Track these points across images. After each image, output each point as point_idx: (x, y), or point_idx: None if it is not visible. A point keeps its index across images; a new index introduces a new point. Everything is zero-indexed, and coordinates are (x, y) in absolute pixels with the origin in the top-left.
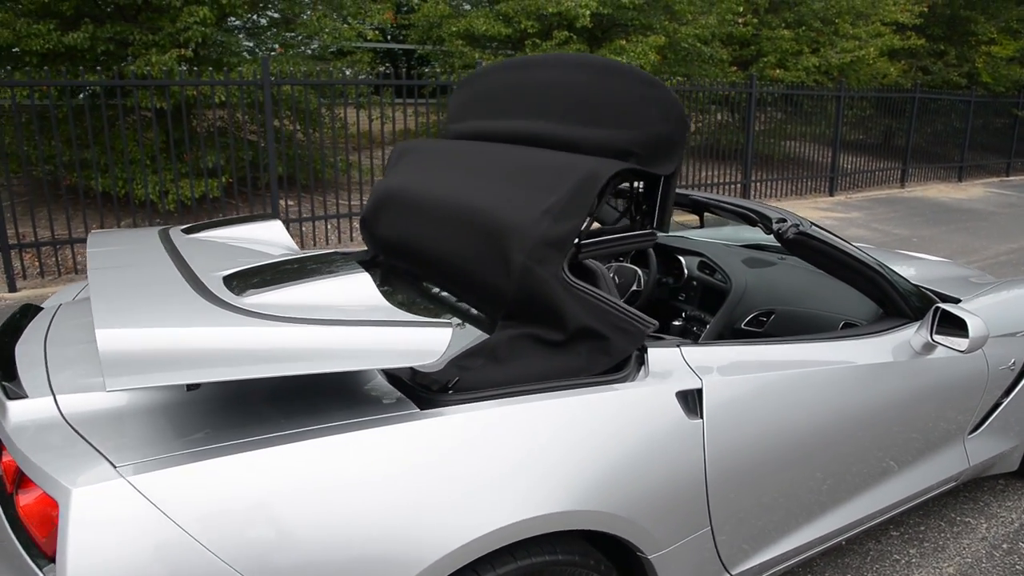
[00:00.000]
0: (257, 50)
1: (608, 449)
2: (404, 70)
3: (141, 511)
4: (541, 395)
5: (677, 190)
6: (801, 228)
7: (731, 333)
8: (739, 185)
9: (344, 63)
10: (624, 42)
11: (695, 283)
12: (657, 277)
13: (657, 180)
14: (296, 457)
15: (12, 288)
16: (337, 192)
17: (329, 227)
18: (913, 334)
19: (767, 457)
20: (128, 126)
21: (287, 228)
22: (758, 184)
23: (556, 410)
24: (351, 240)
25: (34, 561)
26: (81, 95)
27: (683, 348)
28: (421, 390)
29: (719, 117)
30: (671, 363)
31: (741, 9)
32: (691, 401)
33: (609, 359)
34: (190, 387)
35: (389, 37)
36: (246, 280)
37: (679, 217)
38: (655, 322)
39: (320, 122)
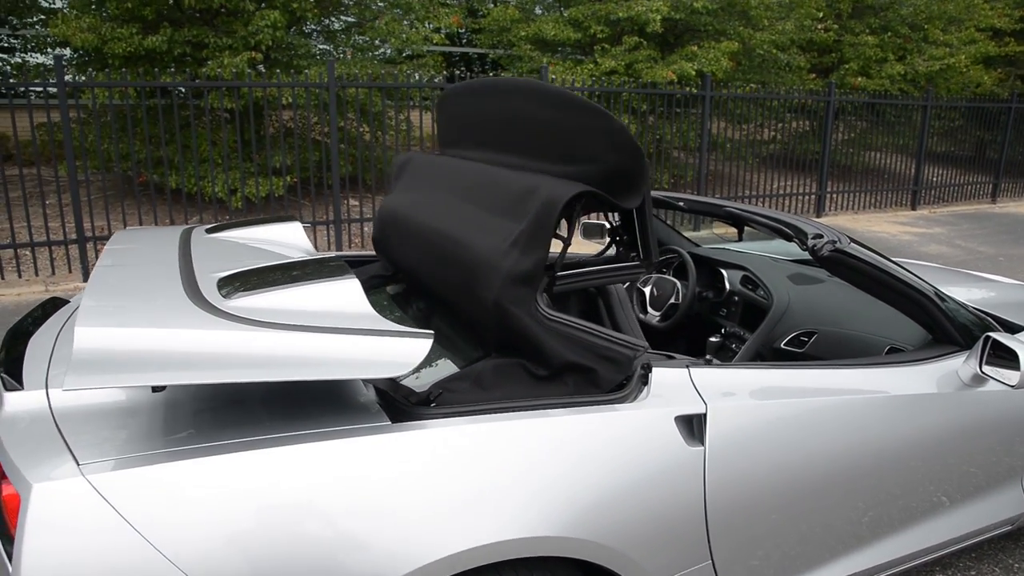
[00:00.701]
0: (333, 53)
1: (597, 473)
2: (477, 74)
3: (97, 510)
4: (526, 413)
5: (714, 200)
6: (838, 245)
7: (770, 352)
8: (813, 196)
9: (411, 67)
10: (696, 48)
11: (736, 298)
12: (697, 290)
13: (630, 212)
14: (256, 466)
15: (86, 279)
16: None
17: None
18: (962, 364)
19: (779, 491)
20: (202, 126)
21: (349, 228)
22: (834, 196)
23: (542, 429)
24: None
25: (5, 550)
26: (156, 97)
27: (692, 369)
28: (402, 402)
29: (795, 126)
30: (676, 385)
31: (821, 15)
32: (693, 427)
33: (599, 388)
34: (155, 388)
35: (464, 41)
36: (239, 282)
37: (719, 229)
38: (645, 344)
39: (384, 124)
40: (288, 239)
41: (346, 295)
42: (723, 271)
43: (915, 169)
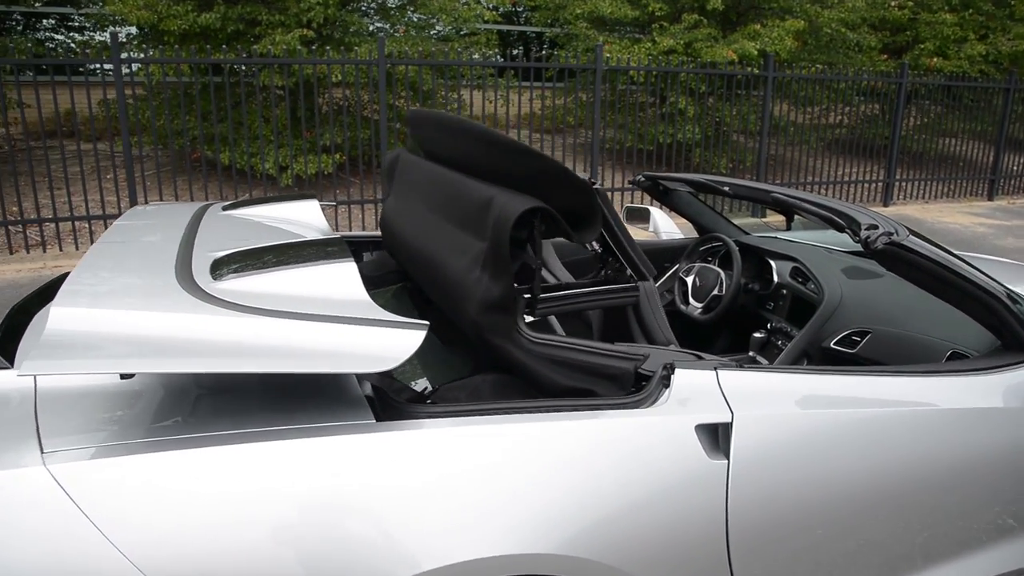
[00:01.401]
0: (388, 31)
1: (605, 485)
2: (532, 53)
3: (56, 502)
4: (528, 416)
5: (761, 185)
6: (894, 237)
7: (818, 352)
8: (881, 184)
9: (461, 44)
10: (759, 27)
11: (784, 291)
12: (743, 282)
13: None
14: (218, 462)
15: None
16: None
17: None
18: None
19: (813, 513)
20: (255, 103)
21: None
22: (904, 184)
23: (544, 434)
24: None
25: None
26: (208, 74)
27: (721, 372)
28: (393, 399)
29: (863, 110)
30: (702, 389)
31: None
32: (716, 437)
33: (604, 401)
34: (124, 375)
35: (522, 20)
36: (233, 263)
37: (770, 216)
38: (646, 353)
39: (435, 102)
40: (304, 218)
41: (340, 279)
42: (771, 262)
43: (994, 156)
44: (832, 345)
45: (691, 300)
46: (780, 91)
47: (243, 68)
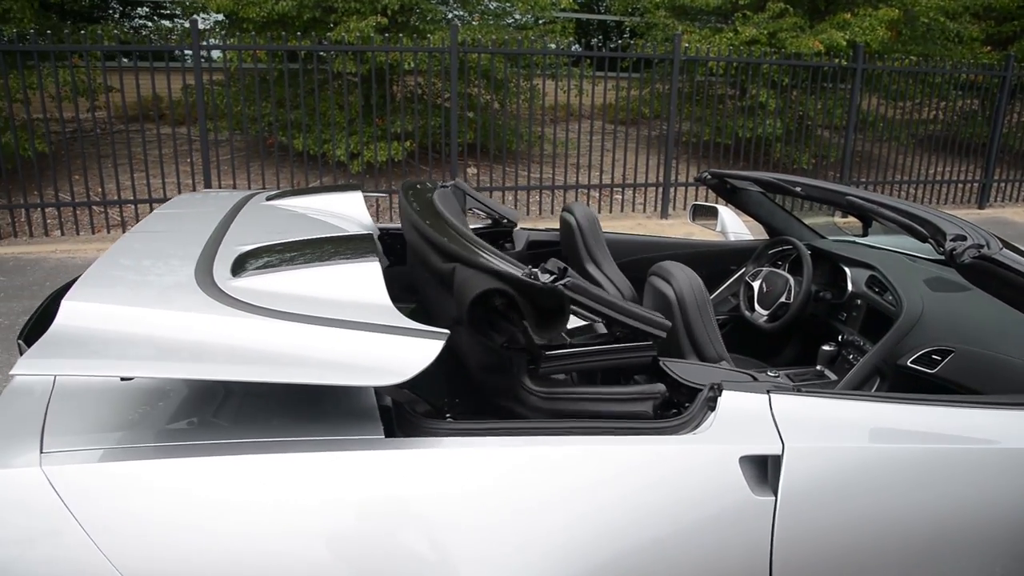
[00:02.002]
0: (466, 18)
1: (632, 519)
2: (611, 43)
3: (47, 503)
4: (550, 436)
5: (836, 186)
6: (984, 251)
7: (892, 370)
8: (976, 184)
9: (537, 32)
10: (849, 15)
11: (859, 302)
12: (814, 290)
13: None
14: (214, 471)
15: None
16: (528, 164)
17: (515, 198)
18: None
19: (868, 566)
20: (329, 90)
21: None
22: (1003, 185)
23: (564, 458)
24: (527, 214)
25: None
26: (284, 61)
27: (774, 396)
28: (409, 412)
29: (961, 104)
30: (751, 414)
31: None
32: (764, 471)
33: (641, 424)
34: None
35: (602, 9)
36: (256, 258)
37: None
38: (661, 387)
39: (507, 91)
40: (346, 210)
41: (360, 280)
42: (846, 269)
43: None
44: (909, 363)
45: (757, 307)
46: (869, 84)
47: (317, 55)
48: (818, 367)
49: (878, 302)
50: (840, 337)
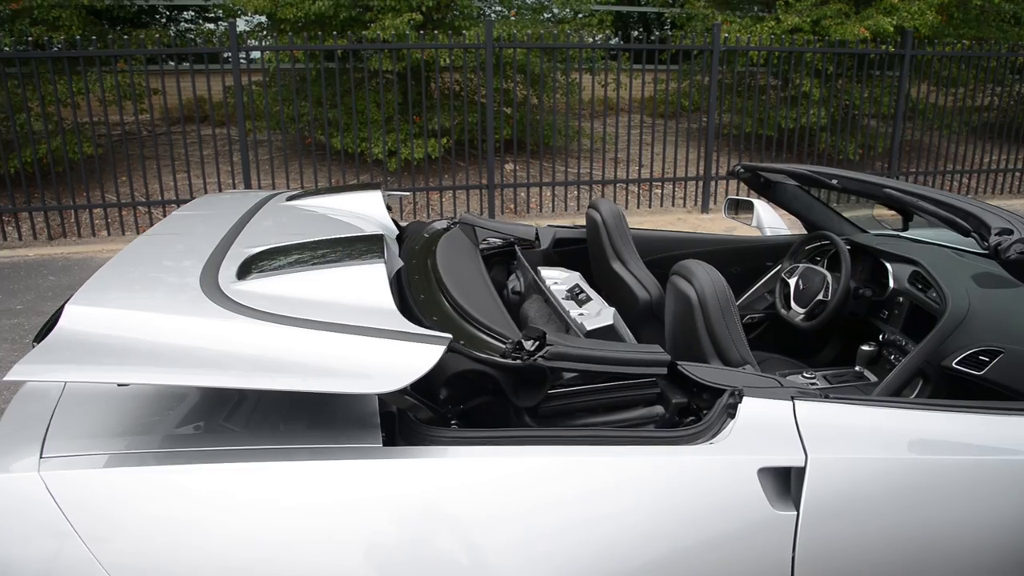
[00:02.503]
0: (505, 12)
1: (637, 535)
2: (652, 35)
3: (44, 508)
4: (554, 447)
5: (872, 178)
6: None
7: (935, 371)
8: None
9: (573, 26)
10: (897, 0)
11: (901, 299)
12: (853, 286)
13: None
14: (206, 479)
15: None
16: (566, 159)
17: (553, 194)
18: None
19: None
20: (365, 89)
21: (502, 193)
22: None
23: (569, 468)
24: (565, 210)
25: None
26: (320, 60)
27: (799, 403)
28: (411, 418)
29: (1018, 90)
30: (772, 423)
31: None
32: (786, 484)
33: (655, 433)
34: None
35: (642, 1)
36: (263, 260)
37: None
38: (660, 411)
39: (543, 86)
40: (364, 209)
41: (364, 282)
42: (888, 265)
43: None
44: (954, 364)
45: (793, 304)
46: (919, 71)
47: (354, 53)
48: (857, 368)
49: (921, 299)
50: (881, 336)
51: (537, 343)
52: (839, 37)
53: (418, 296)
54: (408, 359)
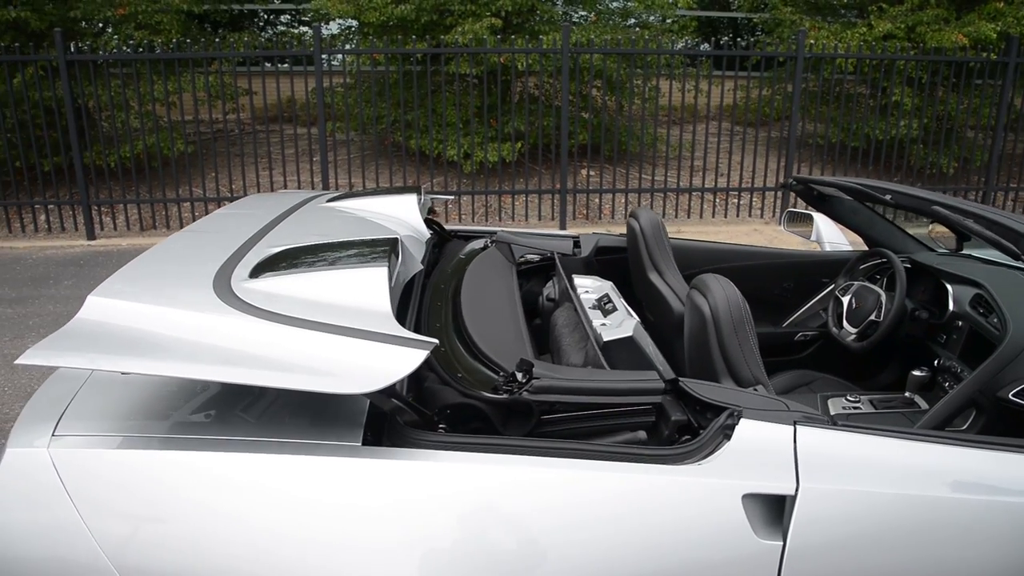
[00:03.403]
0: (588, 16)
1: (609, 554)
2: (740, 41)
3: (49, 483)
4: (533, 458)
5: (924, 193)
6: None
7: (990, 402)
8: None
9: (652, 31)
10: (1001, 3)
11: (960, 323)
12: (908, 308)
13: None
14: (192, 466)
15: None
16: (640, 165)
17: (626, 200)
18: None
19: None
20: (442, 92)
21: (575, 198)
22: None
23: (541, 480)
24: None
25: None
26: (399, 63)
27: (801, 428)
28: (396, 420)
29: None
30: (768, 447)
31: None
32: (772, 512)
33: (641, 451)
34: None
35: (734, 6)
36: (281, 260)
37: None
38: (642, 435)
39: (619, 91)
40: (399, 212)
41: (364, 285)
42: (949, 286)
43: None
44: (1011, 396)
45: (845, 324)
46: None
47: (434, 57)
48: (907, 394)
49: (981, 324)
50: (936, 362)
51: (525, 378)
52: (935, 44)
53: (434, 324)
54: (389, 362)
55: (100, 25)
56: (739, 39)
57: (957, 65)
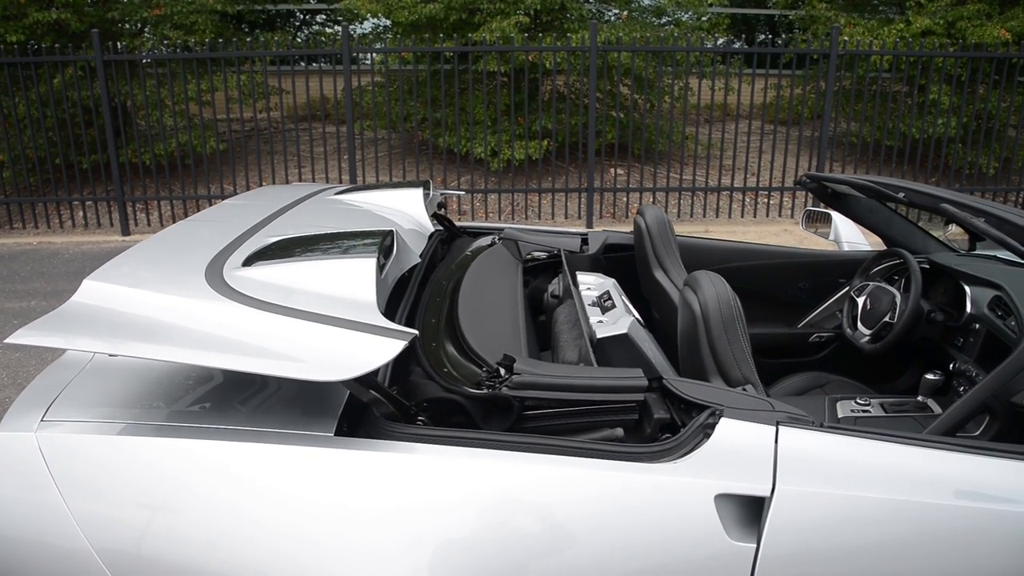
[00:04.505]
0: (618, 13)
1: (581, 550)
2: (777, 39)
3: (36, 466)
4: (505, 452)
5: (934, 191)
6: None
7: (1004, 408)
8: None
9: (682, 28)
10: None
11: (977, 326)
12: (924, 309)
13: None
14: (166, 452)
15: None
16: (668, 164)
17: (653, 199)
18: None
19: None
20: (469, 91)
21: (602, 197)
22: None
23: (512, 476)
24: (676, 216)
25: None
26: (427, 62)
27: (784, 428)
28: (373, 412)
29: None
30: (748, 447)
31: None
32: (749, 514)
33: (616, 448)
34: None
35: (769, 3)
36: (275, 249)
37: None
38: (620, 433)
39: (647, 89)
40: (402, 205)
41: (350, 276)
42: (967, 287)
43: None
44: None
45: (859, 325)
46: None
47: (462, 55)
48: (920, 398)
49: (998, 327)
50: (952, 365)
51: (506, 372)
52: (975, 40)
53: (429, 319)
54: (364, 351)
55: (138, 26)
56: (775, 37)
57: (999, 61)
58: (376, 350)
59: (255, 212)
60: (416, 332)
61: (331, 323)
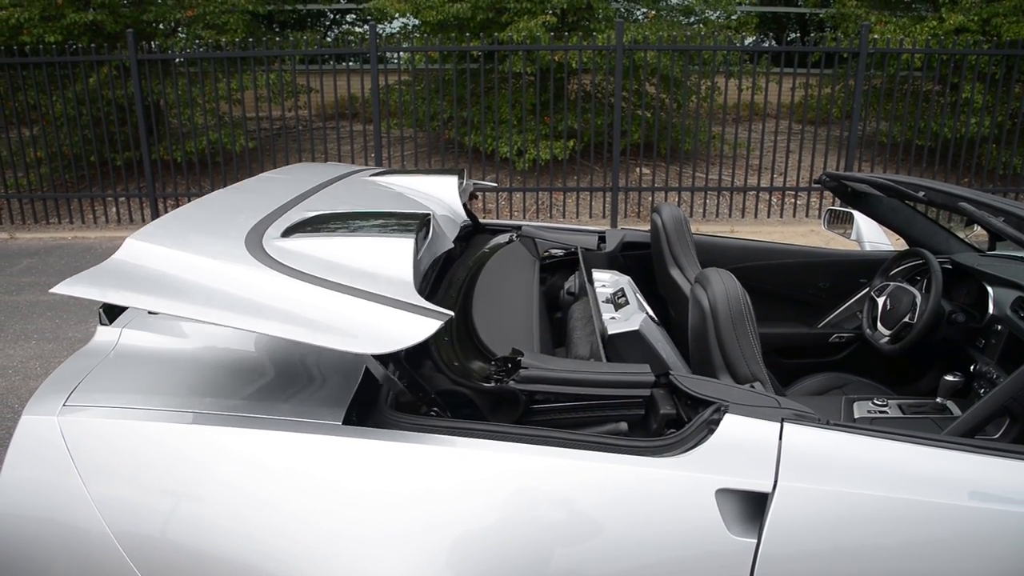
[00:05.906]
0: (647, 12)
1: (579, 543)
2: (807, 37)
3: (56, 449)
4: (509, 444)
5: (953, 189)
6: None
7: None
8: None
9: (710, 27)
10: None
11: (1000, 327)
12: (945, 310)
13: None
14: (182, 437)
15: None
16: (694, 163)
17: (679, 199)
18: None
19: None
20: (496, 90)
21: (627, 196)
22: None
23: (516, 468)
24: (690, 216)
25: None
26: (454, 61)
27: (789, 425)
28: (382, 402)
29: None
30: (752, 443)
31: None
32: (751, 510)
33: (619, 441)
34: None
35: (799, 2)
36: (314, 223)
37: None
38: (624, 427)
39: (673, 88)
40: (437, 192)
41: (389, 253)
42: (990, 288)
43: None
44: None
45: (879, 325)
46: None
47: (489, 55)
48: (939, 399)
49: (1021, 329)
50: (973, 367)
51: (512, 367)
52: (1011, 37)
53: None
54: (402, 328)
55: (172, 26)
56: (804, 35)
57: None
58: (413, 327)
59: (294, 186)
60: (451, 313)
61: (370, 298)
